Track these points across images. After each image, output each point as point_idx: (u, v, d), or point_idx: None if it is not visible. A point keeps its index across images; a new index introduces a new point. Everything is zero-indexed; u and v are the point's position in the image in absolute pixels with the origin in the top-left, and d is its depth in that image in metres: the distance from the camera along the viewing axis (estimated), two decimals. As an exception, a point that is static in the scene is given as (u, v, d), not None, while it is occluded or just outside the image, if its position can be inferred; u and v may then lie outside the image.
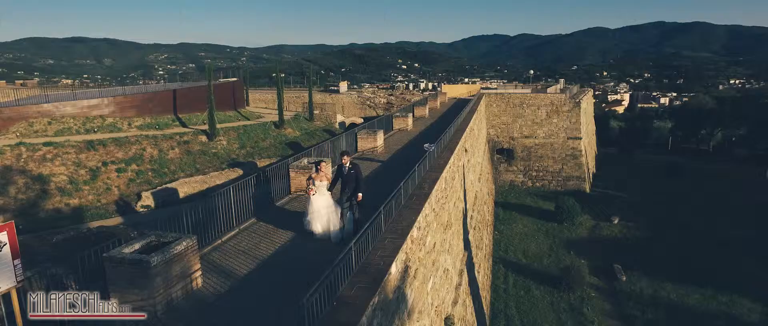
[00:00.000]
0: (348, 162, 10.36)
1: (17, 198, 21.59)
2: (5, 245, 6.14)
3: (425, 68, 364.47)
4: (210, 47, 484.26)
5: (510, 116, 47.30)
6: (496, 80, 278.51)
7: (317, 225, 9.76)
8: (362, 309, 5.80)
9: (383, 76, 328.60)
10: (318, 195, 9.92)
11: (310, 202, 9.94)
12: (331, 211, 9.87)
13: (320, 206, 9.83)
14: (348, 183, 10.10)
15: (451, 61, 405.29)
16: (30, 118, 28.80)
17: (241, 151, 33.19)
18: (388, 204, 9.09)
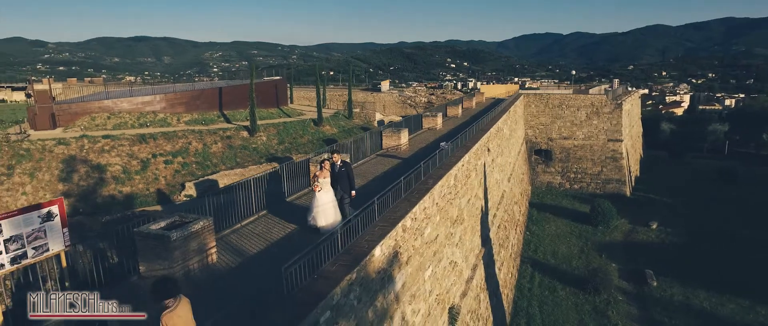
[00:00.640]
0: (339, 160, 10.95)
1: (79, 184, 24.02)
2: (56, 216, 7.54)
3: (474, 67, 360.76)
4: (262, 45, 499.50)
5: (548, 117, 46.86)
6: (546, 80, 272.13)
7: (322, 219, 10.25)
8: (337, 282, 6.76)
9: (431, 75, 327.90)
10: (323, 192, 10.44)
11: (315, 198, 10.47)
12: (335, 206, 10.45)
13: (325, 201, 10.37)
14: (339, 180, 10.76)
15: (501, 60, 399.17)
16: (92, 112, 31.61)
17: (279, 147, 34.82)
18: (384, 196, 10.01)
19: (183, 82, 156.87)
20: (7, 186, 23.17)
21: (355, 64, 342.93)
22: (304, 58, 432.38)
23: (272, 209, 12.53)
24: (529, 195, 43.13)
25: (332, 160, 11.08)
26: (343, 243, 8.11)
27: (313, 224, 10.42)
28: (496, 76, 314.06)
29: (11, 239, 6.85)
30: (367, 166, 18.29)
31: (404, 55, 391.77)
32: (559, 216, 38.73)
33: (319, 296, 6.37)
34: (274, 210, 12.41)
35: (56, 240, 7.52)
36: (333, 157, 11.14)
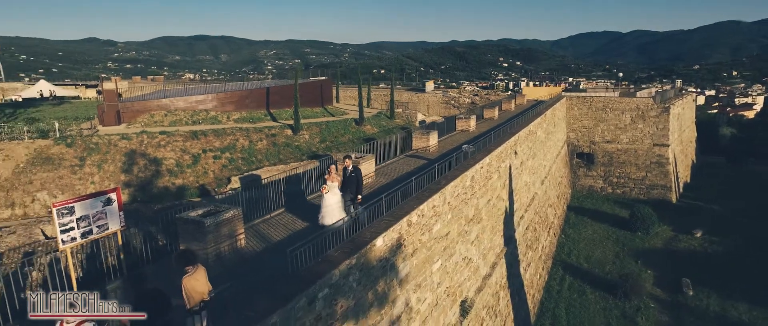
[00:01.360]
0: (350, 165, 11.75)
1: (138, 176, 26.55)
2: (114, 201, 9.17)
3: (527, 66, 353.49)
4: (314, 44, 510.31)
5: (591, 120, 46.21)
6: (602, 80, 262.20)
7: (328, 219, 10.84)
8: (337, 265, 7.95)
9: (483, 75, 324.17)
10: (330, 194, 11.09)
11: (323, 199, 11.21)
12: (341, 208, 11.07)
13: (331, 203, 11.02)
14: (349, 184, 11.56)
15: (556, 59, 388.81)
16: (152, 110, 34.45)
17: (321, 145, 36.48)
18: (393, 194, 11.13)
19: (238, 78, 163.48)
20: (79, 175, 26.00)
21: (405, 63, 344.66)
22: (355, 56, 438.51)
23: (298, 203, 13.91)
24: (569, 199, 42.80)
25: (345, 164, 11.89)
26: (349, 235, 9.30)
27: (321, 223, 11.06)
28: (549, 75, 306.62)
29: (81, 218, 8.51)
30: (394, 166, 19.42)
31: (456, 53, 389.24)
32: (598, 220, 38.32)
33: (320, 275, 7.58)
34: (299, 205, 13.78)
35: (114, 222, 9.16)
36: (345, 161, 11.94)
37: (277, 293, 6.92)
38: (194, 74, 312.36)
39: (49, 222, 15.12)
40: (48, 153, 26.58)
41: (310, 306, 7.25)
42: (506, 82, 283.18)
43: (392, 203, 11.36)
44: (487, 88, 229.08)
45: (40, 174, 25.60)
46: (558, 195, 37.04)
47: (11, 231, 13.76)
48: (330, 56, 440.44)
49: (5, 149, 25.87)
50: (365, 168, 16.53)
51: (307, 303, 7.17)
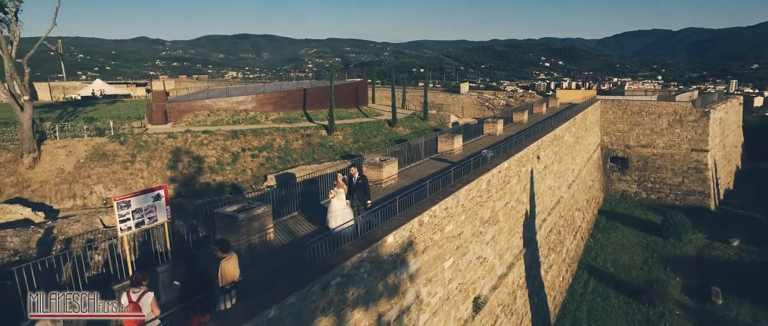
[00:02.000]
0: (356, 173, 12.53)
1: (182, 172, 28.61)
2: (162, 197, 10.64)
3: (570, 66, 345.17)
4: (355, 42, 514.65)
5: (626, 124, 45.68)
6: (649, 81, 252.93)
7: (333, 222, 11.58)
8: (349, 257, 9.10)
9: (524, 74, 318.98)
10: (336, 199, 11.82)
11: (330, 204, 11.94)
12: (346, 213, 11.76)
13: (336, 208, 11.73)
14: (356, 191, 12.37)
15: (600, 58, 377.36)
16: (196, 110, 36.70)
17: (354, 145, 37.82)
18: (407, 195, 12.20)
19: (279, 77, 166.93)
20: (130, 170, 28.32)
21: (445, 62, 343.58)
22: (395, 55, 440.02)
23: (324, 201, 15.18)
24: (600, 203, 42.56)
25: (350, 172, 12.65)
26: (362, 233, 10.45)
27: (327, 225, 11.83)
28: (592, 76, 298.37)
29: (136, 211, 10.01)
30: (417, 168, 20.45)
31: (496, 53, 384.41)
32: (629, 225, 38.03)
33: (333, 266, 8.76)
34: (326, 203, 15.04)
35: (162, 214, 10.64)
36: (351, 169, 12.73)
37: (296, 279, 8.13)
38: (237, 72, 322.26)
39: (107, 213, 17.00)
40: (104, 150, 29.04)
41: (324, 292, 8.44)
42: (547, 82, 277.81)
43: (407, 204, 12.45)
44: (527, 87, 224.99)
45: (97, 169, 28.04)
46: (588, 199, 37.02)
47: (76, 220, 15.65)
48: (370, 55, 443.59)
49: (69, 146, 28.46)
50: (388, 170, 17.66)
51: (321, 288, 8.36)
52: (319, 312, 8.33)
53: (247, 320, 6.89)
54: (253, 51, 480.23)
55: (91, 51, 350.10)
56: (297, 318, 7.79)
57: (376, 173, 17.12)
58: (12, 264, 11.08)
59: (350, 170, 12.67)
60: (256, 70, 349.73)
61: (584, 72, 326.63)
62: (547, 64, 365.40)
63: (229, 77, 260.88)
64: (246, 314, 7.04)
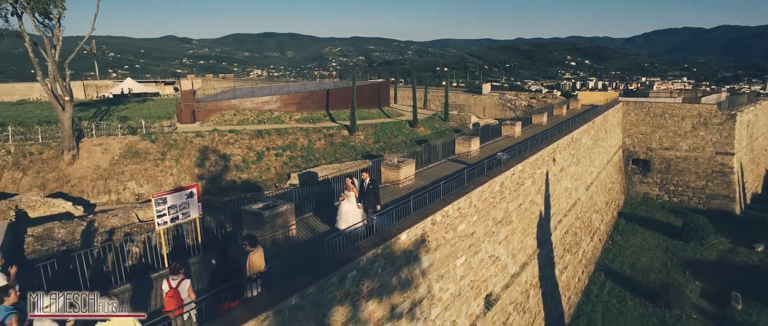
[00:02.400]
0: (367, 178, 13.16)
1: (209, 170, 29.86)
2: (195, 195, 11.62)
3: (596, 65, 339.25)
4: (379, 41, 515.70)
5: (649, 126, 45.33)
6: (678, 80, 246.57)
7: (342, 224, 12.33)
8: (364, 253, 9.87)
9: (549, 73, 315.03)
10: (346, 202, 12.63)
11: (340, 206, 12.79)
12: (355, 215, 12.55)
13: (346, 210, 12.55)
14: (367, 195, 13.00)
15: (628, 58, 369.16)
16: (222, 110, 38.02)
17: (375, 145, 38.59)
18: (421, 196, 12.92)
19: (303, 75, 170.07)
20: (161, 168, 29.73)
21: (469, 61, 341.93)
22: (419, 54, 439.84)
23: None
24: (621, 205, 42.43)
25: (362, 177, 13.26)
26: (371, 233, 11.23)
27: (337, 226, 12.64)
28: (619, 75, 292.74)
29: (171, 207, 11.00)
30: (434, 169, 21.13)
31: (521, 52, 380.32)
32: (649, 228, 37.86)
33: (349, 260, 9.55)
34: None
35: (194, 211, 11.62)
36: (362, 175, 13.35)
37: (315, 271, 8.94)
38: (262, 70, 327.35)
39: (141, 208, 18.20)
40: (136, 148, 30.53)
41: (341, 283, 9.23)
42: (573, 82, 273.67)
43: (422, 204, 13.17)
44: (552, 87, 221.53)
45: (130, 166, 29.53)
46: (607, 201, 37.04)
47: (114, 215, 16.86)
48: (394, 53, 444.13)
49: (104, 144, 30.03)
50: (406, 171, 18.39)
51: (338, 280, 9.15)
52: (336, 302, 9.13)
53: (271, 306, 7.73)
54: (277, 49, 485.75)
55: (121, 49, 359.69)
56: (316, 306, 8.61)
57: (394, 174, 17.88)
58: (63, 253, 12.21)
59: (362, 175, 13.33)
60: (280, 69, 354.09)
61: (611, 71, 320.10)
62: (572, 63, 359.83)
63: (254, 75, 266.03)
64: (270, 301, 7.88)
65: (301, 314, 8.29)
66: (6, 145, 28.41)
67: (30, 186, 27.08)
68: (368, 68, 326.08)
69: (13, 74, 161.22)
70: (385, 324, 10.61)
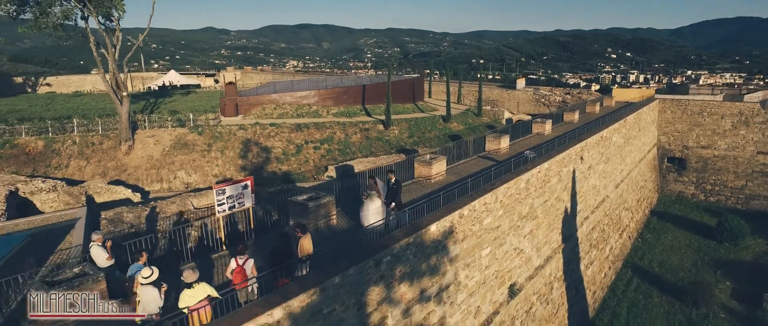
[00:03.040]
0: (393, 178, 14.12)
1: (252, 161, 31.75)
2: (249, 187, 13.18)
3: (638, 58, 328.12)
4: (414, 32, 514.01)
5: (686, 124, 44.83)
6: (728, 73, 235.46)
7: (365, 221, 13.07)
8: (397, 241, 11.18)
9: (588, 66, 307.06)
10: (368, 200, 13.39)
11: (364, 204, 13.50)
12: (378, 212, 13.28)
13: (369, 208, 13.28)
14: (392, 193, 13.73)
15: (673, 50, 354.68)
16: (263, 104, 39.93)
17: (409, 140, 39.72)
18: (451, 191, 14.12)
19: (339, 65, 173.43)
20: (207, 159, 31.84)
21: (505, 53, 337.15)
22: (455, 46, 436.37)
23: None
24: (653, 203, 42.30)
25: (388, 177, 14.24)
26: (410, 221, 12.51)
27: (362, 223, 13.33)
28: (663, 68, 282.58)
29: (230, 197, 12.59)
30: (464, 166, 22.20)
31: (559, 44, 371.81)
32: (682, 227, 37.75)
33: (384, 247, 10.88)
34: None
35: (248, 200, 13.20)
36: (388, 175, 14.33)
37: (355, 256, 10.31)
38: (297, 61, 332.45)
39: (195, 196, 20.07)
40: (185, 139, 32.73)
41: (377, 267, 10.57)
42: (613, 75, 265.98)
43: (451, 198, 14.39)
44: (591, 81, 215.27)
45: (179, 157, 31.74)
46: (639, 199, 37.14)
47: (172, 202, 18.76)
48: (429, 45, 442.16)
49: (156, 135, 32.35)
50: (437, 167, 19.57)
51: (374, 264, 10.50)
52: (372, 283, 10.49)
53: (318, 284, 9.14)
54: (313, 40, 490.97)
55: (163, 41, 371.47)
56: (355, 285, 10.00)
57: (426, 169, 19.09)
58: (132, 235, 14.04)
59: (388, 175, 14.34)
60: (315, 60, 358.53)
61: (654, 64, 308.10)
62: (613, 55, 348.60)
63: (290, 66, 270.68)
64: (317, 279, 9.30)
65: (342, 291, 9.69)
66: (72, 136, 31.06)
67: (93, 173, 29.63)
68: (403, 60, 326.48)
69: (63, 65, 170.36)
70: (414, 304, 11.94)
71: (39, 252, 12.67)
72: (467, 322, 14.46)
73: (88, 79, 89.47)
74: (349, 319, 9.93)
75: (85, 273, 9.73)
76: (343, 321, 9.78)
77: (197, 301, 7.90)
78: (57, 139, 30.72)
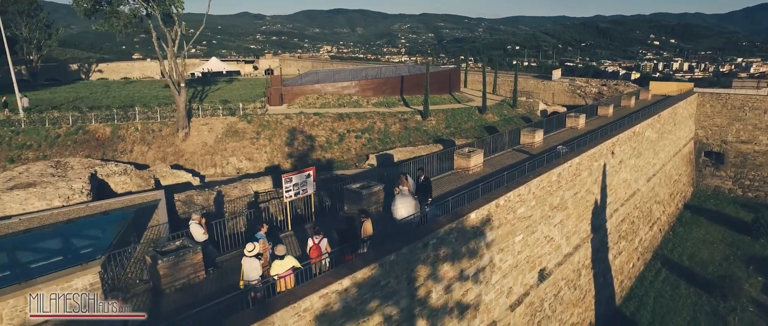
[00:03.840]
0: (422, 176, 15.32)
1: (298, 149, 33.93)
2: (311, 176, 15.12)
3: (684, 45, 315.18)
4: (449, 18, 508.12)
5: (725, 118, 44.54)
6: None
7: (397, 214, 14.20)
8: (442, 226, 12.90)
9: (628, 54, 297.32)
10: (400, 195, 14.51)
11: (395, 199, 14.61)
12: (409, 207, 14.32)
13: (400, 203, 14.40)
14: (422, 190, 14.99)
15: (722, 36, 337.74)
16: (306, 93, 42.06)
17: (446, 131, 41.12)
18: (488, 183, 15.71)
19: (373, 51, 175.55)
20: (256, 146, 34.21)
21: (541, 39, 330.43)
22: (490, 31, 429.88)
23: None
24: (688, 197, 42.53)
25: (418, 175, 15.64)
26: (453, 209, 14.21)
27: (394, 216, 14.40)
28: (710, 56, 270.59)
29: (296, 184, 14.56)
30: (500, 158, 23.64)
31: (598, 30, 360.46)
32: (716, 222, 37.99)
33: (431, 231, 12.63)
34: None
35: (310, 188, 15.16)
36: (418, 172, 15.81)
37: (406, 238, 12.11)
38: (331, 47, 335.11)
39: (253, 181, 22.27)
40: (236, 128, 35.16)
41: (424, 248, 12.35)
42: (654, 63, 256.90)
43: (488, 189, 15.98)
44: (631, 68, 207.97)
45: (231, 144, 34.20)
46: (672, 193, 37.61)
47: (234, 187, 21.01)
48: (464, 31, 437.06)
49: (209, 123, 34.90)
50: (475, 159, 21.11)
51: (423, 246, 12.28)
52: (420, 262, 12.28)
53: (377, 260, 10.98)
54: (347, 26, 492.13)
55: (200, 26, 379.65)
56: (406, 263, 11.81)
57: (465, 162, 20.67)
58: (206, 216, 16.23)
59: (418, 173, 15.74)
60: (349, 45, 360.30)
61: (700, 51, 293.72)
62: (656, 42, 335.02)
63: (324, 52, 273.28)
64: (376, 256, 11.14)
65: (396, 267, 11.51)
66: (134, 123, 33.92)
67: (154, 158, 32.43)
68: (437, 46, 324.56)
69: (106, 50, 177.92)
70: (455, 282, 13.69)
71: (137, 228, 15.01)
72: (500, 301, 16.14)
73: (136, 65, 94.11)
74: (401, 291, 11.78)
75: (185, 245, 11.91)
76: (396, 293, 11.64)
77: (285, 270, 9.84)
78: (121, 126, 33.62)
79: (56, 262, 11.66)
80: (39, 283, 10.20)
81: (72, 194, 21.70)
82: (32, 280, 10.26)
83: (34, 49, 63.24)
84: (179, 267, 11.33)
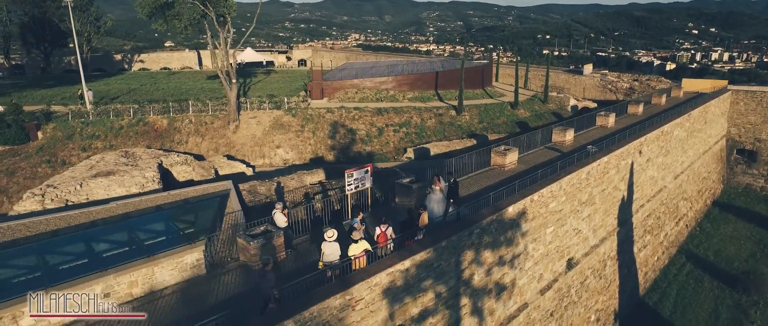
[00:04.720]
0: (452, 179, 16.83)
1: (340, 142, 36.22)
2: (369, 171, 17.30)
3: (725, 34, 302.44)
4: (478, 6, 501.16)
5: (760, 116, 44.83)
6: None
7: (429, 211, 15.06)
8: (485, 218, 14.93)
9: (664, 43, 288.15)
10: (432, 193, 15.74)
11: (427, 197, 15.85)
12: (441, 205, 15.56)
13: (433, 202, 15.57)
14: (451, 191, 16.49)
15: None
16: (346, 88, 44.24)
17: (479, 125, 42.66)
18: (524, 180, 17.64)
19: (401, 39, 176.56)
20: (301, 138, 36.66)
21: (574, 28, 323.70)
22: (520, 20, 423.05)
23: (465, 173, 21.13)
24: (717, 194, 43.26)
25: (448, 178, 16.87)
26: (494, 202, 16.22)
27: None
28: (754, 45, 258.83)
29: (356, 178, 16.78)
30: (533, 156, 25.38)
31: (633, 18, 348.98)
32: (744, 219, 38.73)
33: (475, 222, 14.69)
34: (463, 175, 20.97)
35: (368, 182, 17.37)
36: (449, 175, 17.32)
37: (454, 227, 14.21)
38: (359, 34, 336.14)
39: (309, 173, 24.64)
40: (281, 121, 37.64)
41: (470, 236, 14.44)
42: (692, 53, 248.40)
43: (523, 186, 17.91)
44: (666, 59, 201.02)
45: (277, 136, 36.72)
46: (700, 190, 38.55)
47: (291, 178, 23.42)
48: (493, 19, 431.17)
49: (257, 116, 37.48)
50: (511, 157, 22.95)
51: (468, 234, 14.36)
52: (466, 248, 14.39)
53: (432, 245, 13.13)
54: (375, 13, 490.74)
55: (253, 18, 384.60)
56: (455, 248, 13.93)
57: (501, 159, 22.56)
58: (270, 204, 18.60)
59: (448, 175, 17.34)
60: (377, 33, 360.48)
61: (743, 40, 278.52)
62: (694, 31, 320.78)
63: (352, 40, 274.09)
64: (430, 242, 13.29)
65: (446, 252, 13.65)
66: (188, 115, 36.77)
67: (207, 149, 35.23)
68: (466, 34, 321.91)
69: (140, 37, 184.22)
70: (494, 266, 15.76)
71: (216, 214, 17.51)
72: (532, 285, 18.14)
73: (174, 56, 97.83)
74: (449, 272, 13.93)
75: (269, 230, 14.28)
76: (445, 273, 13.79)
77: (359, 252, 12.07)
78: (177, 118, 36.49)
79: (164, 241, 14.25)
80: (160, 258, 12.75)
81: (145, 182, 24.52)
82: (154, 256, 12.83)
83: (85, 42, 67.16)
84: (266, 248, 13.70)
